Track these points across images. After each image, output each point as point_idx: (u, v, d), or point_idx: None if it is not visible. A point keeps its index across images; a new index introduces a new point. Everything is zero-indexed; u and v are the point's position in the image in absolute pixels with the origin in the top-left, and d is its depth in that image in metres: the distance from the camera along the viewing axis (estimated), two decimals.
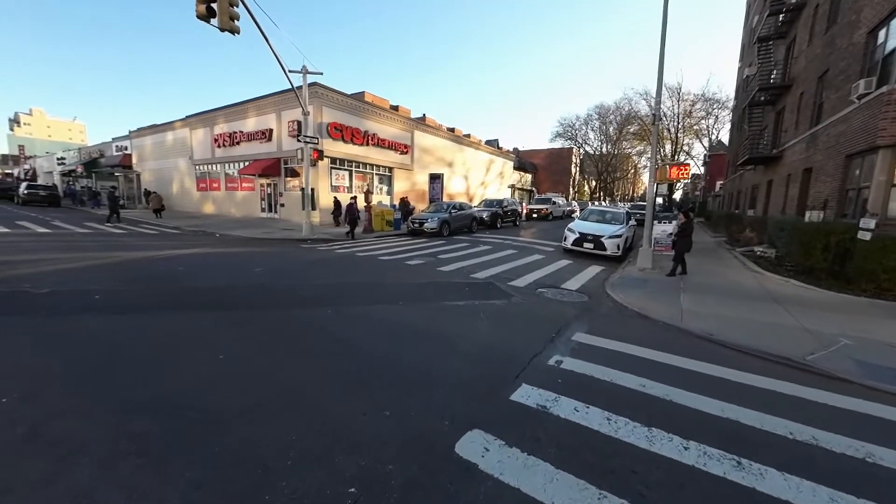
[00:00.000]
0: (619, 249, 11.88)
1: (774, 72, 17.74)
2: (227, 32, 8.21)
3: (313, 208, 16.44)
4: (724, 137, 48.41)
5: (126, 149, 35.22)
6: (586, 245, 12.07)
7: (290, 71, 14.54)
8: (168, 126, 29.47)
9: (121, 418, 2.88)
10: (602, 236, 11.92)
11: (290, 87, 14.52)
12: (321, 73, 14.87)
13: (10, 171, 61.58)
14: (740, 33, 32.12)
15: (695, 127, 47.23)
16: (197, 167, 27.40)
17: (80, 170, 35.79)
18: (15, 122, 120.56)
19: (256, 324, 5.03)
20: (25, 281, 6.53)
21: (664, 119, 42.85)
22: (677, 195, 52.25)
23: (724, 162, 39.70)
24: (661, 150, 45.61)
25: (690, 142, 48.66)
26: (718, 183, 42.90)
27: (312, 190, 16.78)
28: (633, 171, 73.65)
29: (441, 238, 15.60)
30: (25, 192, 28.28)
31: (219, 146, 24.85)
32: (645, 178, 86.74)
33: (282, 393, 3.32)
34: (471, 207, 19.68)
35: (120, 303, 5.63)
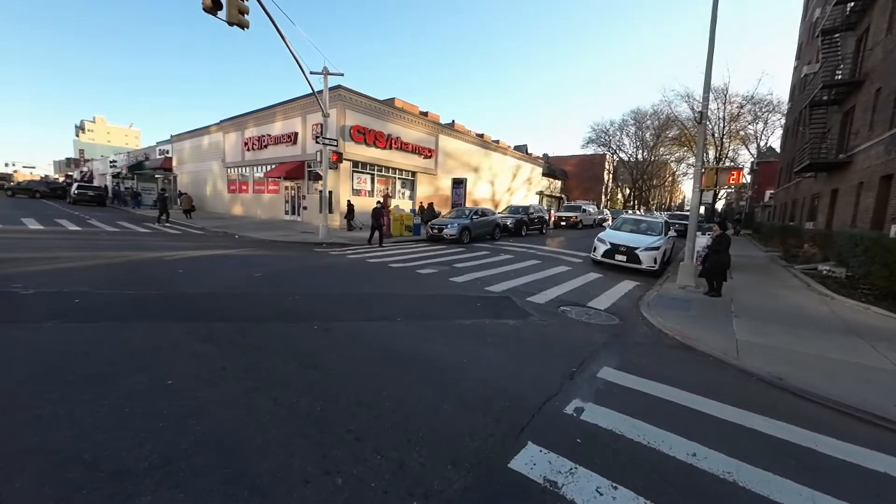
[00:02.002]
0: (655, 263, 10.62)
1: (841, 67, 15.75)
2: (235, 26, 7.92)
3: (331, 211, 16.13)
4: (775, 143, 44.84)
5: (167, 152, 37.04)
6: (618, 257, 10.89)
7: (311, 73, 14.39)
8: (205, 130, 30.61)
9: (4, 469, 2.27)
10: (637, 248, 10.71)
11: (315, 90, 14.37)
12: (342, 74, 14.59)
13: (70, 173, 66.94)
14: (796, 31, 29.48)
15: (741, 132, 43.97)
16: (228, 170, 28.17)
17: (124, 171, 37.94)
18: (80, 128, 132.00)
19: (229, 339, 4.43)
20: (19, 280, 6.34)
21: (708, 122, 40.26)
22: (719, 205, 48.83)
23: (774, 169, 36.54)
24: (705, 155, 42.85)
25: (736, 148, 45.32)
26: (768, 192, 39.60)
27: (331, 193, 16.50)
28: (670, 178, 69.82)
29: (460, 245, 14.81)
30: (75, 192, 30.20)
31: (248, 149, 25.38)
32: (684, 186, 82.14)
33: (217, 440, 2.63)
34: (494, 214, 18.77)
35: (96, 308, 5.23)
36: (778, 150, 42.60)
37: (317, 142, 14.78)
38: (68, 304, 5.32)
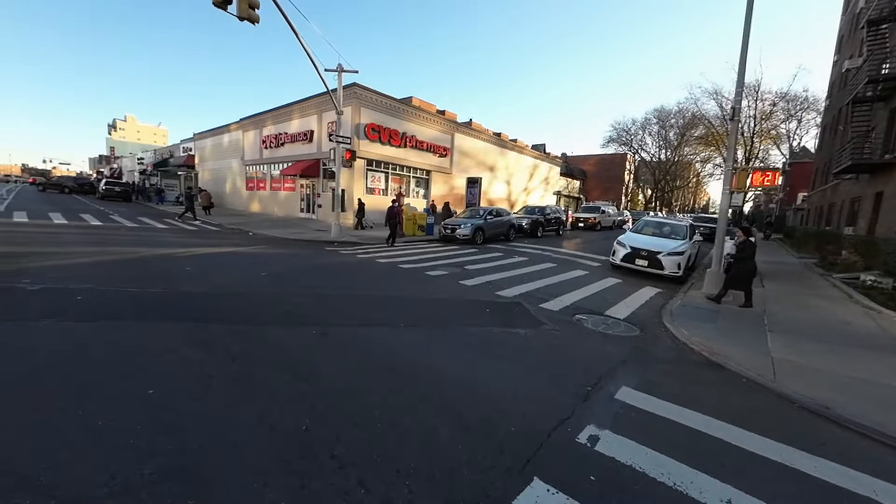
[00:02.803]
0: (679, 269, 10.02)
1: (889, 60, 14.58)
2: (246, 21, 7.81)
3: (344, 210, 16.03)
4: (809, 143, 42.59)
5: (190, 150, 38.04)
6: (639, 262, 10.33)
7: (325, 70, 14.28)
8: (225, 129, 31.18)
9: None
10: (659, 252, 10.13)
11: (331, 87, 14.30)
12: (356, 72, 14.44)
13: (101, 170, 69.93)
14: (835, 23, 27.75)
15: (772, 132, 41.88)
16: (247, 167, 28.60)
17: (149, 168, 39.12)
18: (112, 127, 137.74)
19: (223, 344, 4.24)
20: (29, 275, 6.38)
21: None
22: (746, 207, 46.71)
23: (808, 171, 34.62)
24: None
25: (767, 148, 43.24)
26: (801, 195, 37.61)
27: (343, 191, 16.42)
28: (694, 179, 67.43)
29: (473, 246, 14.46)
30: (103, 188, 31.25)
31: (266, 147, 25.68)
32: (709, 187, 78.96)
33: (187, 463, 2.40)
34: (509, 214, 18.33)
35: (97, 307, 5.15)
36: (812, 150, 40.44)
37: (330, 139, 14.70)
38: (70, 301, 5.27)
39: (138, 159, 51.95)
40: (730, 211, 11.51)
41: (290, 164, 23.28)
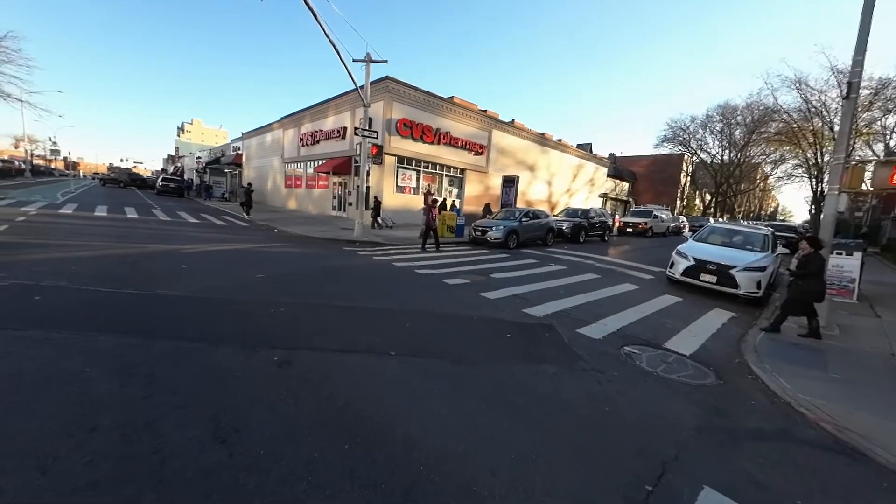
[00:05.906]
0: (759, 289, 8.05)
1: None
2: None
3: (367, 208, 15.26)
4: None
5: (239, 149, 39.76)
6: (705, 277, 8.46)
7: (353, 60, 13.59)
8: (268, 128, 32.04)
9: None
10: (733, 267, 8.20)
11: (364, 80, 13.63)
12: (385, 62, 13.56)
13: (166, 168, 76.25)
14: None
15: (865, 129, 35.97)
16: (286, 165, 29.06)
17: (201, 166, 41.48)
18: (181, 129, 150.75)
19: (153, 371, 3.32)
20: (9, 269, 5.98)
21: (826, 115, 33.46)
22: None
23: None
24: (818, 155, 35.98)
25: (860, 148, 37.32)
26: None
27: (369, 188, 15.66)
28: (762, 183, 60.41)
29: (505, 251, 13.05)
30: (160, 184, 33.58)
31: (303, 145, 25.81)
32: (781, 194, 70.41)
33: None
34: (548, 216, 16.65)
35: (43, 311, 4.48)
36: None
37: (356, 134, 13.98)
38: (23, 302, 4.66)
39: (196, 158, 55.64)
40: (794, 220, 9.22)
41: (323, 161, 23.12)
